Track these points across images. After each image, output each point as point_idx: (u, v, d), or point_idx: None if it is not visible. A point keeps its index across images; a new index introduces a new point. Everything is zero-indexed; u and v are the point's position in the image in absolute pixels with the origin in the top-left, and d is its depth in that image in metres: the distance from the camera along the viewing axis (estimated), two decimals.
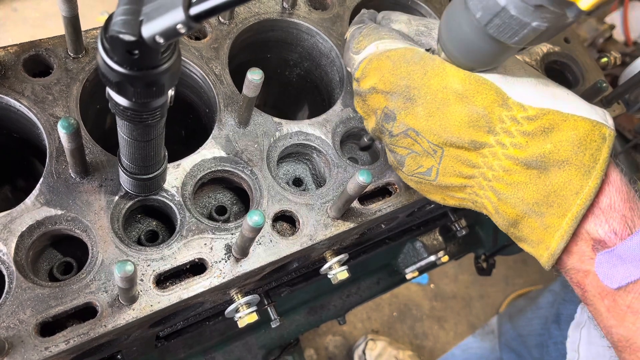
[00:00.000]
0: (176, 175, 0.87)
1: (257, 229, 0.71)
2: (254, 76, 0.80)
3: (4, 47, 0.87)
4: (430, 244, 1.66)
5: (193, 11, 0.47)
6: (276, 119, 0.96)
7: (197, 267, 0.83)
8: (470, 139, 0.74)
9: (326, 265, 1.04)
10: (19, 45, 0.88)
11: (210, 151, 0.90)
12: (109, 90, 0.57)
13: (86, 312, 0.76)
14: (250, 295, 0.97)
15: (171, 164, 0.87)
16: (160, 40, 0.49)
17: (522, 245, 0.78)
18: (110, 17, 0.50)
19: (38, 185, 0.80)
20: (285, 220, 0.95)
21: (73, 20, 0.82)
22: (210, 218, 0.95)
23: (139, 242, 0.91)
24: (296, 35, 1.10)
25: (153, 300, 0.78)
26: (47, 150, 0.83)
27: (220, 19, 1.00)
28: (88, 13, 2.81)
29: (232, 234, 0.85)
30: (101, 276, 0.77)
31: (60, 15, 0.80)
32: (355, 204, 0.93)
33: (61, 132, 0.68)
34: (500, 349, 1.80)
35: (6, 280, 0.74)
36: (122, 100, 0.58)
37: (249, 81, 0.81)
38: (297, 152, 1.02)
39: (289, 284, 1.27)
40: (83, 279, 0.76)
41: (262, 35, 1.09)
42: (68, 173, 0.82)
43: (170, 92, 0.61)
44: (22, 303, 0.73)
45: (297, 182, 1.04)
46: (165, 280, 0.83)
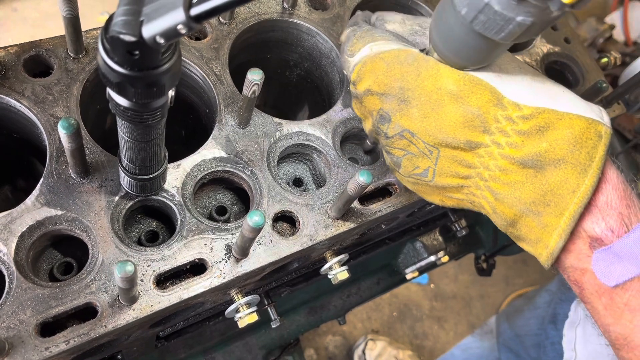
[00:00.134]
0: (176, 176, 0.87)
1: (258, 229, 0.71)
2: (254, 76, 0.80)
3: (4, 48, 0.87)
4: (431, 244, 1.66)
5: (194, 12, 0.47)
6: (276, 119, 0.96)
7: (198, 268, 0.83)
8: (466, 139, 0.74)
9: (326, 266, 1.04)
10: (19, 45, 0.88)
11: (210, 151, 0.90)
12: (109, 90, 0.57)
13: (86, 313, 0.76)
14: (250, 296, 0.97)
15: (171, 164, 0.87)
16: (161, 40, 0.49)
17: (522, 245, 0.78)
18: (110, 18, 0.50)
19: (38, 186, 0.80)
20: (286, 221, 0.95)
21: (73, 21, 0.82)
22: (210, 218, 0.95)
23: (139, 243, 0.91)
24: (296, 35, 1.10)
25: (153, 300, 0.78)
26: (48, 150, 0.83)
27: (220, 19, 1.00)
28: (88, 13, 2.81)
29: (233, 234, 0.85)
30: (101, 276, 0.77)
31: (61, 15, 0.80)
32: (355, 204, 0.93)
33: (61, 133, 0.68)
34: (498, 349, 1.80)
35: (6, 280, 0.74)
36: (123, 101, 0.58)
37: (249, 81, 0.81)
38: (298, 153, 1.02)
39: (289, 284, 1.27)
40: (83, 279, 0.76)
41: (263, 36, 1.09)
42: (68, 173, 0.82)
43: (171, 93, 0.61)
44: (23, 303, 0.73)
45: (298, 183, 1.04)
46: (165, 280, 0.83)
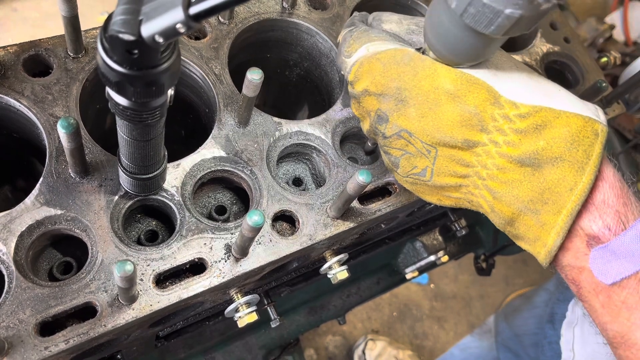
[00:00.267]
0: (176, 175, 0.87)
1: (257, 229, 0.71)
2: (254, 76, 0.80)
3: (3, 47, 0.87)
4: (430, 243, 1.66)
5: (192, 11, 0.47)
6: (276, 119, 0.96)
7: (197, 267, 0.83)
8: (464, 138, 0.74)
9: (326, 265, 1.04)
10: (19, 45, 0.88)
11: (210, 151, 0.90)
12: (108, 89, 0.57)
13: (86, 312, 0.76)
14: (250, 295, 0.97)
15: (171, 164, 0.87)
16: (160, 39, 0.49)
17: (520, 243, 0.78)
18: (109, 17, 0.50)
19: (38, 185, 0.80)
20: (285, 220, 0.95)
21: (73, 20, 0.82)
22: (210, 218, 0.95)
23: (139, 242, 0.91)
24: (296, 35, 1.10)
25: (153, 300, 0.78)
26: (47, 150, 0.83)
27: (220, 18, 1.00)
28: (88, 13, 2.81)
29: (232, 234, 0.85)
30: (101, 276, 0.77)
31: (60, 15, 0.80)
32: (355, 203, 0.93)
33: (61, 132, 0.68)
34: (497, 349, 1.80)
35: (6, 280, 0.74)
36: (122, 100, 0.58)
37: (248, 81, 0.81)
38: (297, 152, 1.02)
39: (289, 283, 1.27)
40: (83, 278, 0.76)
41: (262, 35, 1.09)
42: (68, 173, 0.82)
43: (170, 92, 0.61)
44: (22, 303, 0.73)
45: (297, 182, 1.04)
46: (165, 280, 0.83)
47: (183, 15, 0.47)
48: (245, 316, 0.97)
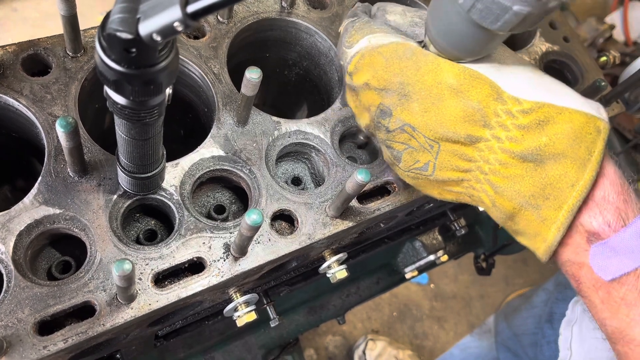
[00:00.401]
0: (175, 174, 0.87)
1: (256, 228, 0.71)
2: (252, 75, 0.80)
3: (2, 47, 0.87)
4: (430, 243, 1.66)
5: (190, 9, 0.47)
6: (275, 118, 0.96)
7: (196, 266, 0.83)
8: (466, 134, 0.74)
9: (325, 264, 1.04)
10: (18, 44, 0.88)
11: (208, 150, 0.90)
12: (106, 88, 0.57)
13: (84, 311, 0.76)
14: (249, 294, 0.97)
15: (170, 163, 0.87)
16: (158, 38, 0.49)
17: (520, 239, 0.78)
18: (107, 15, 0.50)
19: (36, 184, 0.80)
20: (284, 219, 0.95)
21: (71, 20, 0.82)
22: (208, 217, 0.95)
23: (138, 241, 0.91)
24: (295, 34, 1.10)
25: (151, 299, 0.78)
26: (46, 149, 0.83)
27: (219, 18, 1.00)
28: (88, 13, 2.81)
29: (231, 233, 0.85)
30: (99, 275, 0.77)
31: (59, 14, 0.80)
32: (354, 202, 0.92)
33: (59, 131, 0.68)
34: (497, 348, 1.81)
35: (4, 279, 0.74)
36: (120, 99, 0.58)
37: (247, 80, 0.81)
38: (296, 151, 1.02)
39: (288, 283, 1.27)
40: (81, 277, 0.76)
41: (261, 35, 1.09)
42: (66, 172, 0.82)
43: (168, 91, 0.61)
44: (21, 302, 0.73)
45: (296, 181, 1.04)
46: (163, 279, 0.83)
47: (181, 14, 0.47)
48: (244, 315, 0.97)
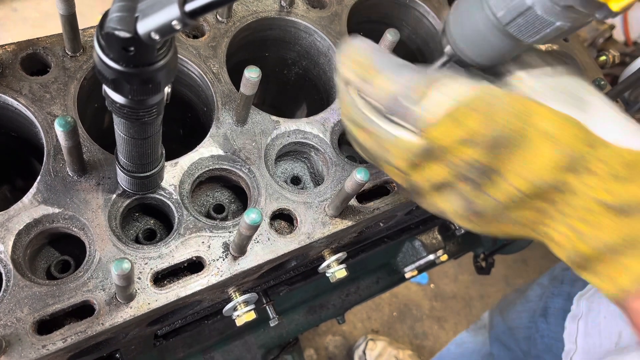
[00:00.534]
0: (174, 174, 0.87)
1: (255, 227, 0.71)
2: (251, 74, 0.80)
3: (1, 46, 0.87)
4: (429, 242, 1.66)
5: (188, 7, 0.47)
6: (274, 117, 0.96)
7: (195, 266, 0.83)
8: (555, 180, 0.69)
9: (324, 264, 1.04)
10: (17, 43, 0.88)
11: (208, 149, 0.90)
12: (105, 87, 0.57)
13: (84, 311, 0.76)
14: (248, 294, 0.97)
15: (169, 162, 0.87)
16: (156, 36, 0.49)
17: (584, 274, 0.73)
18: (106, 14, 0.50)
19: (35, 184, 0.80)
20: (283, 219, 0.95)
21: (70, 19, 0.82)
22: (208, 216, 0.95)
23: (137, 241, 0.91)
24: (294, 33, 1.10)
25: (150, 298, 0.78)
26: (45, 148, 0.83)
27: (218, 17, 1.00)
28: (87, 12, 2.81)
29: (230, 232, 0.85)
30: (99, 274, 0.77)
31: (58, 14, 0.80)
32: (353, 202, 0.92)
33: (58, 130, 0.68)
34: (490, 342, 1.80)
35: (3, 278, 0.74)
36: (119, 98, 0.58)
37: (246, 79, 0.81)
38: (295, 151, 1.02)
39: (288, 282, 1.27)
40: (80, 277, 0.76)
41: (260, 34, 1.09)
42: (65, 171, 0.82)
43: (167, 90, 0.61)
44: (20, 301, 0.73)
45: (295, 181, 1.04)
46: (162, 278, 0.83)
47: (179, 12, 0.47)
48: (243, 315, 0.97)
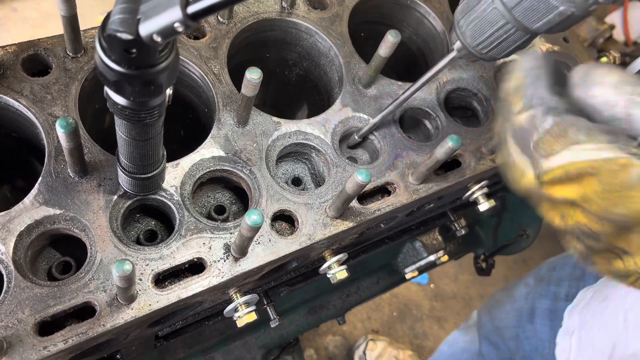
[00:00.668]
0: (175, 175, 0.87)
1: (256, 228, 0.71)
2: (253, 75, 0.80)
3: (2, 47, 0.87)
4: (430, 243, 1.66)
5: (190, 10, 0.47)
6: (275, 119, 0.96)
7: (196, 267, 0.83)
8: None
9: (325, 265, 1.04)
10: (18, 44, 0.88)
11: (209, 150, 0.90)
12: (107, 89, 0.57)
13: (85, 312, 0.76)
14: (249, 295, 0.97)
15: (170, 164, 0.87)
16: (158, 38, 0.49)
17: None
18: (108, 16, 0.50)
19: (37, 185, 0.80)
20: (284, 220, 0.95)
21: (71, 20, 0.82)
22: (209, 217, 0.95)
23: (138, 242, 0.91)
24: (295, 34, 1.10)
25: (152, 299, 0.77)
26: (46, 149, 0.83)
27: (219, 18, 1.00)
28: (88, 13, 2.81)
29: (231, 234, 0.85)
30: (100, 275, 0.77)
31: (60, 14, 0.80)
32: (354, 203, 0.92)
33: (59, 132, 0.68)
34: (479, 341, 1.80)
35: (5, 279, 0.74)
36: (120, 99, 0.58)
37: (247, 80, 0.81)
38: (296, 152, 1.02)
39: (288, 283, 1.27)
40: (82, 278, 0.76)
41: (261, 35, 1.09)
42: (67, 172, 0.82)
43: (169, 91, 0.61)
44: (21, 302, 0.73)
45: (296, 182, 1.04)
46: (164, 279, 0.83)
47: (181, 14, 0.47)
48: (244, 316, 0.97)
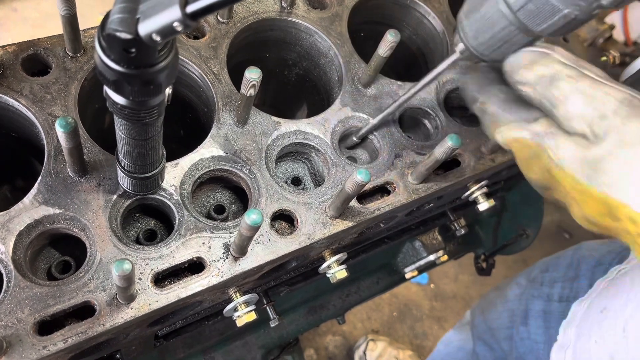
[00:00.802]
0: (174, 174, 0.87)
1: (255, 228, 0.71)
2: (252, 75, 0.80)
3: (2, 47, 0.87)
4: (430, 243, 1.66)
5: (190, 9, 0.47)
6: (275, 118, 0.96)
7: (196, 266, 0.83)
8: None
9: (325, 264, 1.04)
10: (18, 44, 0.88)
11: (208, 150, 0.90)
12: (106, 88, 0.57)
13: (84, 311, 0.76)
14: (248, 294, 0.97)
15: (170, 163, 0.87)
16: (157, 38, 0.49)
17: None
18: (107, 16, 0.50)
19: (36, 184, 0.80)
20: (284, 219, 0.95)
21: (71, 20, 0.82)
22: (208, 217, 0.95)
23: (138, 241, 0.91)
24: (295, 34, 1.10)
25: (151, 299, 0.78)
26: (46, 149, 0.83)
27: (218, 18, 1.00)
28: (88, 13, 2.81)
29: (231, 233, 0.85)
30: (99, 275, 0.77)
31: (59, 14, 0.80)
32: (353, 202, 0.92)
33: (59, 131, 0.68)
34: (473, 341, 1.79)
35: (4, 279, 0.74)
36: (120, 99, 0.58)
37: (247, 80, 0.81)
38: (296, 151, 1.02)
39: (288, 283, 1.27)
40: (81, 277, 0.76)
41: (261, 35, 1.09)
42: (66, 172, 0.82)
43: (168, 91, 0.61)
44: (21, 302, 0.73)
45: (296, 181, 1.04)
46: (163, 279, 0.83)
47: (180, 14, 0.47)
48: (244, 315, 0.97)
